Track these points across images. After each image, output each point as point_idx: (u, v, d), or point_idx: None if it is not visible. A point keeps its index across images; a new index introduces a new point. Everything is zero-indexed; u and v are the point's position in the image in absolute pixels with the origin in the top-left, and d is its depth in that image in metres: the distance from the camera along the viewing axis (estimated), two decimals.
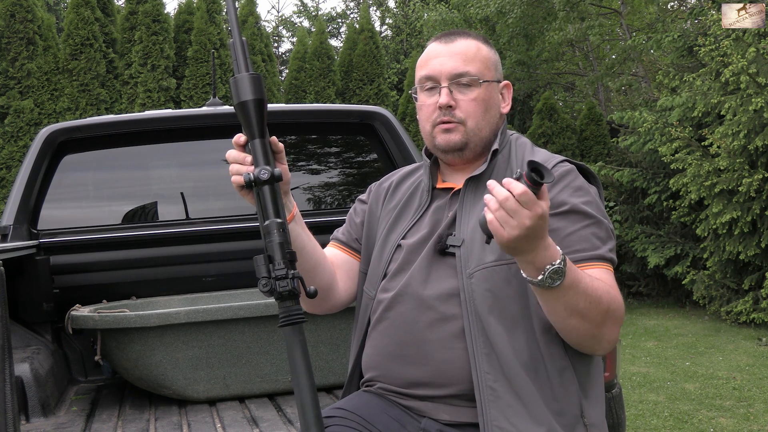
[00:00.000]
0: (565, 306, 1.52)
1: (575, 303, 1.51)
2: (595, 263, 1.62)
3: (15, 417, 2.17)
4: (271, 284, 1.40)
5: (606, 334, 1.59)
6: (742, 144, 7.52)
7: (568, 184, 1.69)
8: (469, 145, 1.75)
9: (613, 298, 1.57)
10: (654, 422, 4.92)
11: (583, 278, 1.52)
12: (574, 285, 1.50)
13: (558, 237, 1.62)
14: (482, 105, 1.74)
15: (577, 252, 1.62)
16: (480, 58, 1.76)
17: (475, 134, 1.75)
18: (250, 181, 1.49)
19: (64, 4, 17.46)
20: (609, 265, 1.64)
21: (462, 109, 1.73)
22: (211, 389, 2.99)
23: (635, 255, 9.75)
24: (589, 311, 1.53)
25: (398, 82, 15.91)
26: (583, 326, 1.55)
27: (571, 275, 1.49)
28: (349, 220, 1.97)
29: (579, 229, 1.64)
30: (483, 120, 1.75)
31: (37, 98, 9.96)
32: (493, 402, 1.59)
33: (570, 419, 1.61)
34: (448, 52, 1.75)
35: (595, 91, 13.82)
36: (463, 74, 1.73)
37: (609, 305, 1.55)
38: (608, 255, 1.64)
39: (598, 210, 1.68)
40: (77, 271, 3.45)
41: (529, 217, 1.40)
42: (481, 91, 1.74)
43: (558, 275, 1.47)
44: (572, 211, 1.65)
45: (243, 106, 1.50)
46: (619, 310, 1.59)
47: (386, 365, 1.73)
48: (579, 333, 1.57)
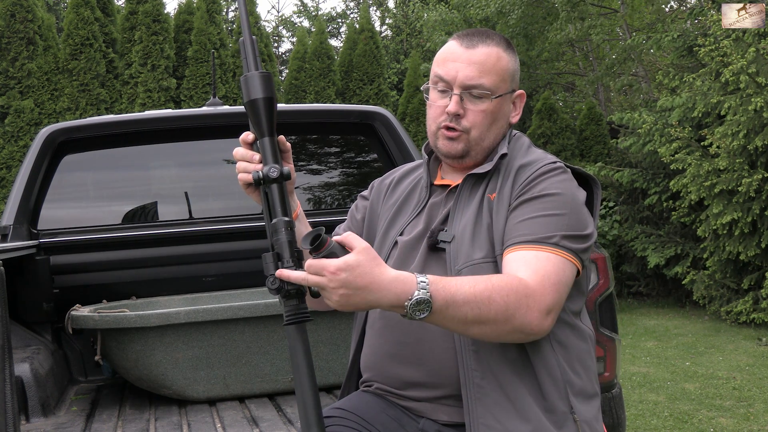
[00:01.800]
0: (453, 321, 1.48)
1: (462, 315, 1.47)
2: (534, 246, 1.57)
3: (15, 417, 2.17)
4: (279, 282, 1.40)
5: (524, 325, 1.51)
6: (742, 144, 7.52)
7: (548, 178, 1.66)
8: (470, 153, 1.74)
9: (515, 289, 1.49)
10: (654, 422, 4.92)
11: (461, 288, 1.47)
12: (449, 302, 1.45)
13: (512, 223, 1.61)
14: (490, 117, 1.72)
15: (524, 235, 1.58)
16: (497, 69, 1.71)
17: (477, 143, 1.73)
18: (259, 179, 1.48)
19: (64, 4, 17.46)
20: (557, 250, 1.57)
21: (469, 119, 1.71)
22: (211, 389, 2.99)
23: (635, 255, 9.75)
24: (482, 316, 1.47)
25: (398, 82, 15.91)
26: (488, 329, 1.50)
27: (442, 294, 1.44)
28: (350, 216, 1.97)
29: (536, 216, 1.60)
30: (488, 131, 1.73)
31: (37, 98, 9.97)
32: (480, 399, 1.58)
33: (559, 416, 1.60)
34: (466, 59, 1.70)
35: (595, 91, 13.82)
36: (477, 87, 1.70)
37: (507, 299, 1.48)
38: (560, 242, 1.58)
39: (570, 206, 1.63)
40: (77, 271, 3.45)
41: (330, 281, 1.39)
42: (492, 104, 1.71)
43: (422, 305, 1.43)
44: (534, 199, 1.62)
45: (253, 104, 1.50)
46: (531, 297, 1.50)
47: (382, 366, 1.73)
48: (489, 335, 1.53)
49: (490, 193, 1.70)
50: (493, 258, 1.62)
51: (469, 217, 1.68)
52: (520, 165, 1.71)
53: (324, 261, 1.39)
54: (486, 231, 1.65)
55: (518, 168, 1.71)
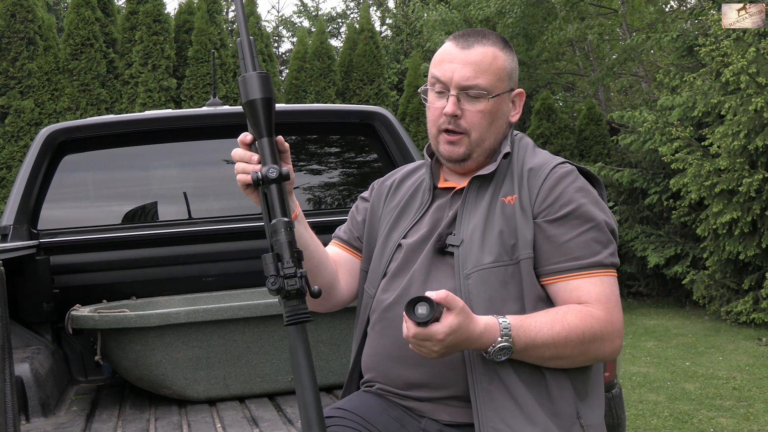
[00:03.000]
0: (531, 359, 1.59)
1: (539, 355, 1.58)
2: (589, 272, 1.62)
3: (15, 417, 2.17)
4: (280, 283, 1.40)
5: (599, 355, 1.63)
6: (743, 144, 7.52)
7: (567, 185, 1.67)
8: (472, 155, 1.74)
9: (589, 325, 1.59)
10: (654, 422, 4.92)
11: (539, 332, 1.56)
12: (530, 345, 1.56)
13: (555, 245, 1.63)
14: (488, 117, 1.72)
15: (573, 260, 1.62)
16: (494, 69, 1.71)
17: (479, 145, 1.73)
18: (258, 179, 1.48)
19: (64, 4, 17.45)
20: (608, 270, 1.64)
21: (467, 120, 1.71)
22: (211, 389, 2.98)
23: (635, 255, 9.75)
24: (560, 354, 1.58)
25: (398, 82, 15.90)
26: (565, 362, 1.61)
27: (523, 339, 1.55)
28: (350, 218, 1.97)
29: (577, 235, 1.63)
30: (488, 132, 1.73)
31: (37, 98, 9.96)
32: (489, 403, 1.59)
33: (566, 420, 1.61)
34: (462, 60, 1.70)
35: (596, 91, 13.82)
36: (473, 87, 1.69)
37: (583, 337, 1.58)
38: (608, 261, 1.64)
39: (600, 209, 1.67)
40: (77, 271, 3.45)
41: (434, 344, 1.50)
42: (489, 104, 1.71)
43: (504, 351, 1.55)
44: (570, 215, 1.64)
45: (251, 105, 1.49)
46: (605, 329, 1.60)
47: (385, 367, 1.73)
48: (566, 365, 1.62)
49: (504, 196, 1.69)
50: (503, 262, 1.62)
51: (478, 221, 1.68)
52: (530, 168, 1.71)
53: (430, 331, 1.48)
54: (497, 236, 1.65)
55: (528, 170, 1.70)
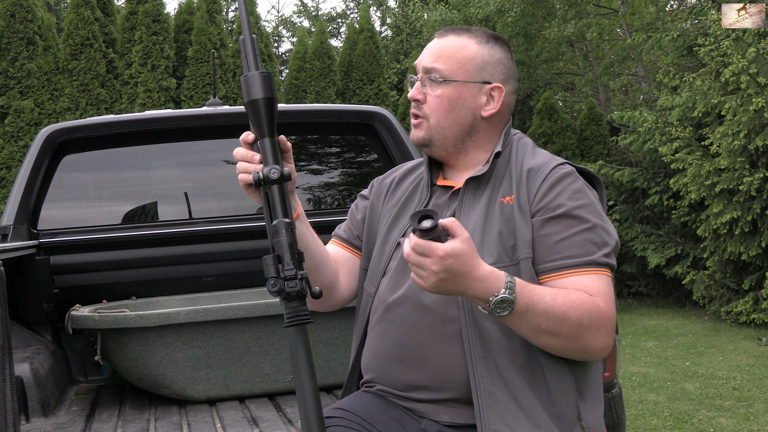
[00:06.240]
0: (527, 328, 1.53)
1: (537, 324, 1.52)
2: (585, 269, 1.60)
3: (15, 417, 2.17)
4: (280, 284, 1.39)
5: (589, 345, 1.57)
6: (743, 144, 7.52)
7: (565, 187, 1.66)
8: (433, 141, 1.75)
9: (588, 310, 1.55)
10: (654, 422, 4.92)
11: (542, 299, 1.52)
12: (530, 309, 1.50)
13: (549, 242, 1.61)
14: (446, 104, 1.73)
15: (567, 258, 1.61)
16: (459, 56, 1.72)
17: (438, 132, 1.74)
18: (259, 179, 1.47)
19: (64, 4, 17.45)
20: (603, 269, 1.61)
21: (428, 105, 1.74)
22: (211, 389, 2.98)
23: (635, 255, 9.75)
24: (556, 329, 1.53)
25: (398, 82, 15.91)
26: (556, 342, 1.56)
27: (525, 300, 1.49)
28: (350, 217, 1.96)
29: (572, 234, 1.62)
30: (446, 119, 1.73)
31: (37, 98, 9.96)
32: (491, 405, 1.58)
33: (567, 422, 1.61)
34: (431, 47, 1.76)
35: (595, 91, 13.82)
36: (431, 70, 1.73)
37: (581, 318, 1.54)
38: (602, 260, 1.61)
39: (596, 214, 1.65)
40: (77, 271, 3.45)
41: (434, 263, 1.42)
42: (448, 89, 1.72)
43: (505, 304, 1.48)
44: (566, 216, 1.63)
45: (253, 105, 1.49)
46: (601, 319, 1.57)
47: (385, 368, 1.73)
48: (555, 349, 1.58)
49: (502, 196, 1.69)
50: (503, 263, 1.61)
51: (476, 222, 1.67)
52: (530, 168, 1.70)
53: (432, 244, 1.41)
54: (497, 236, 1.64)
55: (527, 170, 1.70)
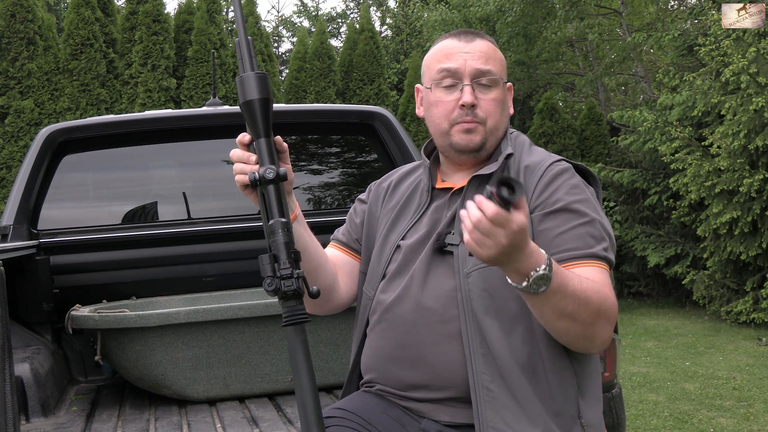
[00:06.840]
0: (554, 309, 1.50)
1: (564, 306, 1.50)
2: (586, 261, 1.60)
3: (15, 417, 2.17)
4: (276, 283, 1.39)
5: (598, 334, 1.57)
6: (743, 144, 7.52)
7: (563, 182, 1.67)
8: (486, 145, 1.74)
9: (604, 298, 1.55)
10: (654, 422, 4.92)
11: (571, 280, 1.50)
12: (561, 288, 1.48)
13: (549, 236, 1.61)
14: (500, 105, 1.74)
15: (568, 251, 1.61)
16: (498, 58, 1.76)
17: (492, 134, 1.74)
18: (255, 180, 1.48)
19: (64, 4, 17.45)
20: (603, 263, 1.62)
21: (483, 109, 1.72)
22: (211, 389, 2.99)
23: (635, 255, 9.75)
24: (578, 313, 1.51)
25: (398, 82, 15.91)
26: (574, 327, 1.53)
27: (558, 279, 1.47)
28: (349, 221, 1.96)
29: (571, 228, 1.62)
30: (500, 120, 1.75)
31: (37, 98, 9.96)
32: (489, 403, 1.58)
33: (567, 420, 1.61)
34: (471, 50, 1.73)
35: (595, 91, 13.82)
36: (486, 73, 1.72)
37: (600, 305, 1.54)
38: (602, 253, 1.62)
39: (593, 209, 1.66)
40: (77, 271, 3.45)
41: (504, 236, 1.37)
42: (500, 91, 1.74)
43: (543, 281, 1.45)
44: (564, 210, 1.63)
45: (249, 105, 1.49)
46: (611, 309, 1.57)
47: (384, 368, 1.73)
48: (570, 334, 1.56)
49: None
50: None
51: None
52: (527, 165, 1.71)
53: (510, 216, 1.35)
54: None
55: (525, 168, 1.70)
